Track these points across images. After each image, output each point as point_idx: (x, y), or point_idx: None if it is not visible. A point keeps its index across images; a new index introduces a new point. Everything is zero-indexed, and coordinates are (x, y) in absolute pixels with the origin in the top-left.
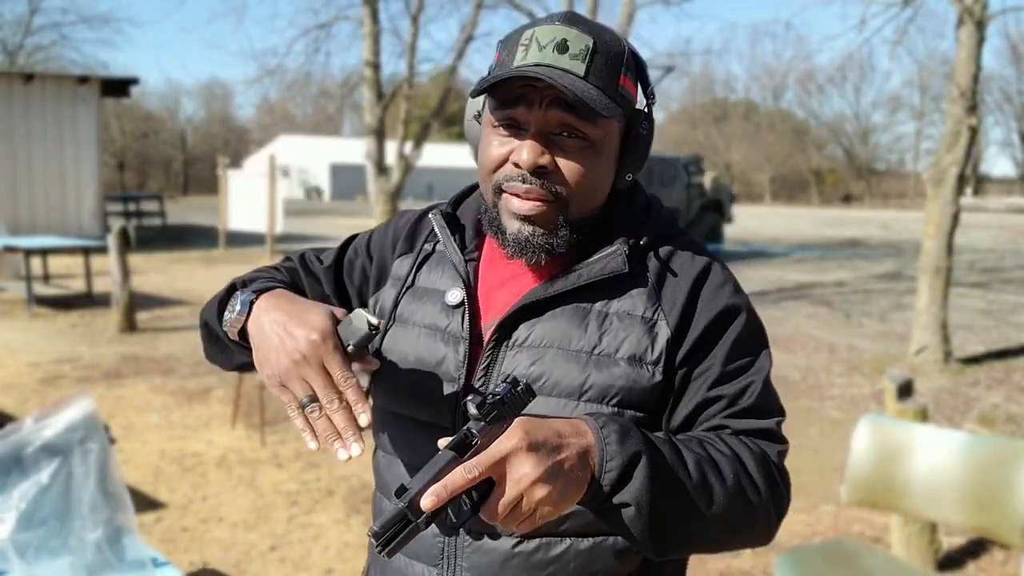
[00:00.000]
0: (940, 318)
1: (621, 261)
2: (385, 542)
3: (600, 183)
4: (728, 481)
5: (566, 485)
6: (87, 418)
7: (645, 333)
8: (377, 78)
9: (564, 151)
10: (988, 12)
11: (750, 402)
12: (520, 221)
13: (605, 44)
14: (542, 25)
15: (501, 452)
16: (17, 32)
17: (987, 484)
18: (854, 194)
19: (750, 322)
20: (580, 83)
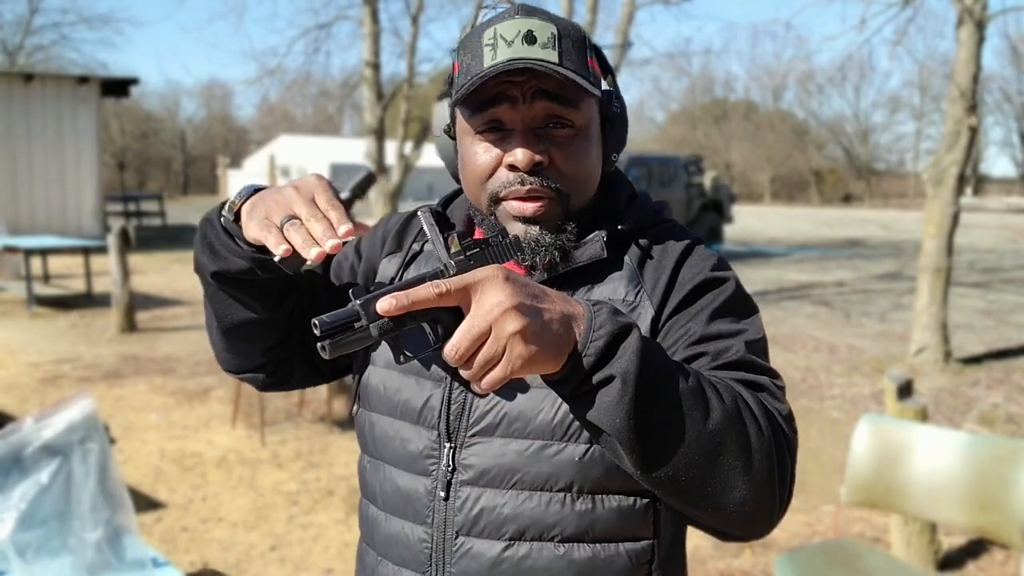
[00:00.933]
0: (940, 318)
1: (599, 247)
2: (329, 332)
3: (594, 168)
4: (726, 401)
5: (543, 330)
6: (87, 418)
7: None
8: (377, 78)
9: (556, 143)
10: (988, 12)
11: (736, 357)
12: (525, 224)
13: (566, 29)
14: (502, 21)
15: (476, 277)
16: (17, 32)
17: (987, 484)
18: (854, 194)
19: (735, 291)
20: (560, 69)
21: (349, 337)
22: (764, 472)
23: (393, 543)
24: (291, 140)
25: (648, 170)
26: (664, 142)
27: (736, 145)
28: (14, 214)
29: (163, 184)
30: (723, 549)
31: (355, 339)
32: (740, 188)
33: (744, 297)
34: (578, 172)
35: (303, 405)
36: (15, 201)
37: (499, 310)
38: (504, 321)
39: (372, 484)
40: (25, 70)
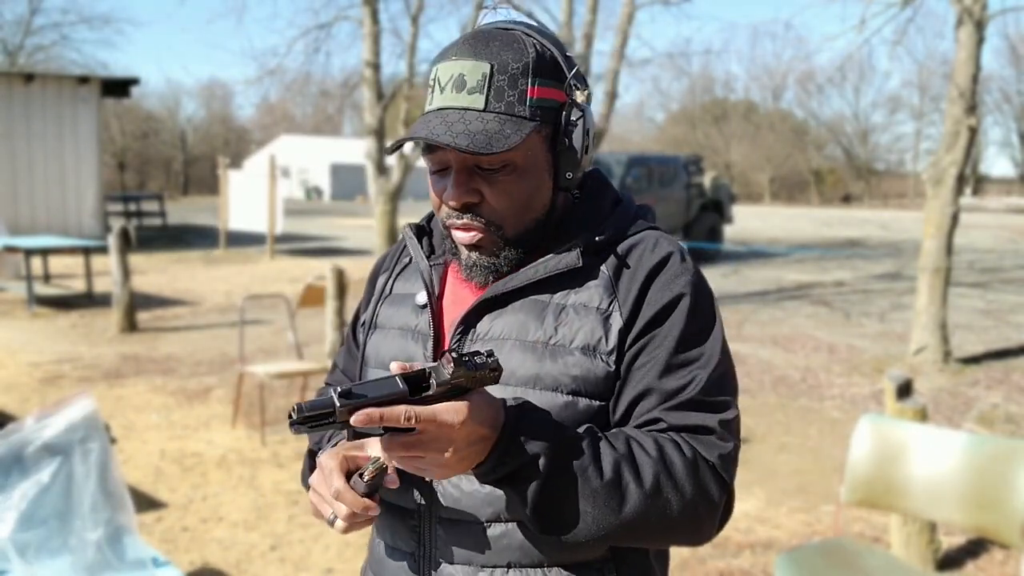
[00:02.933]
0: (939, 318)
1: (575, 256)
2: (303, 420)
3: (533, 197)
4: (646, 483)
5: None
6: (87, 418)
7: (599, 324)
8: (377, 78)
9: (488, 182)
10: (987, 12)
11: (690, 395)
12: (468, 249)
13: (504, 64)
14: (444, 60)
15: (441, 420)
16: (17, 32)
17: (986, 484)
18: (854, 194)
19: (701, 312)
20: (476, 121)
21: (320, 424)
22: (687, 527)
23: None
24: (291, 140)
25: (648, 170)
26: (664, 142)
27: (736, 145)
28: (14, 214)
29: (163, 184)
30: (723, 548)
31: (324, 427)
32: (740, 188)
33: (709, 319)
34: (509, 207)
35: None
36: (15, 201)
37: (439, 452)
38: (437, 459)
39: None
40: (25, 70)
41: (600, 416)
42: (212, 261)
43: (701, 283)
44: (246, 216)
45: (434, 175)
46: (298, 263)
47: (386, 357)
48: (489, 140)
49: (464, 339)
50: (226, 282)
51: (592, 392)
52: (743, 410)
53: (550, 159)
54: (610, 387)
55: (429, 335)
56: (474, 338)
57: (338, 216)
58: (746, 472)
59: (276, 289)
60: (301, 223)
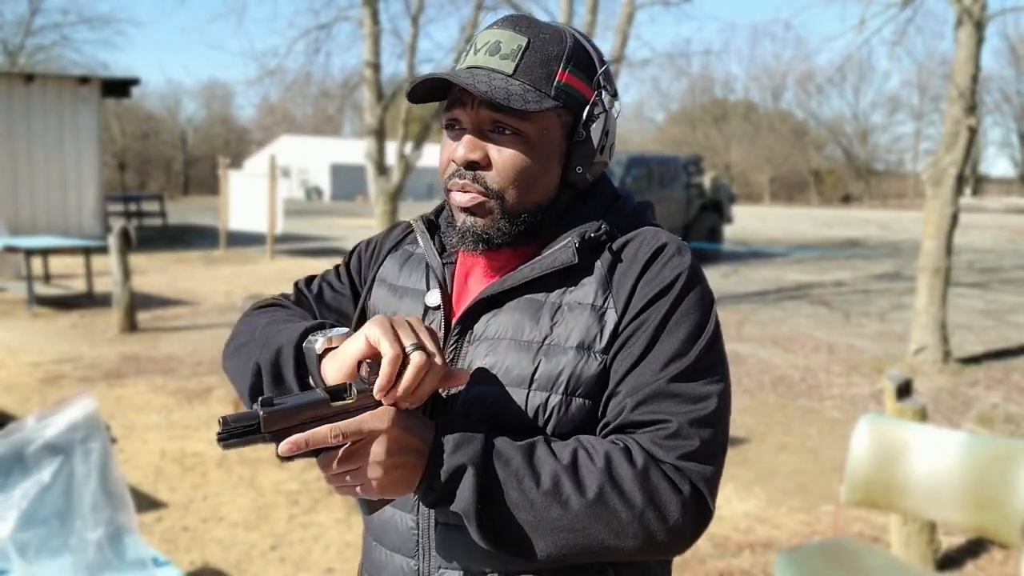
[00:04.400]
0: (939, 318)
1: (570, 253)
2: (228, 435)
3: (539, 177)
4: (588, 493)
5: (399, 480)
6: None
7: (595, 321)
8: (377, 78)
9: (498, 147)
10: (987, 12)
11: (657, 386)
12: (463, 213)
13: (541, 43)
14: (485, 30)
15: (368, 428)
16: (18, 32)
17: (986, 484)
18: (853, 194)
19: (689, 299)
20: (501, 81)
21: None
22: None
23: (386, 529)
24: (291, 140)
25: (648, 170)
26: (664, 142)
27: (735, 145)
28: (15, 214)
29: (164, 184)
30: (723, 548)
31: (248, 442)
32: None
33: (691, 308)
34: (512, 176)
35: None
36: (16, 201)
37: (371, 461)
38: (370, 470)
39: None
40: (26, 70)
41: (594, 419)
42: (212, 261)
43: (694, 272)
44: (246, 216)
45: (448, 135)
46: (298, 263)
47: None
48: (508, 96)
49: (462, 340)
50: (226, 282)
51: (585, 390)
52: (743, 410)
53: (564, 148)
54: (603, 385)
55: (440, 337)
56: (471, 339)
57: (338, 216)
58: (746, 472)
59: (276, 289)
60: (301, 223)
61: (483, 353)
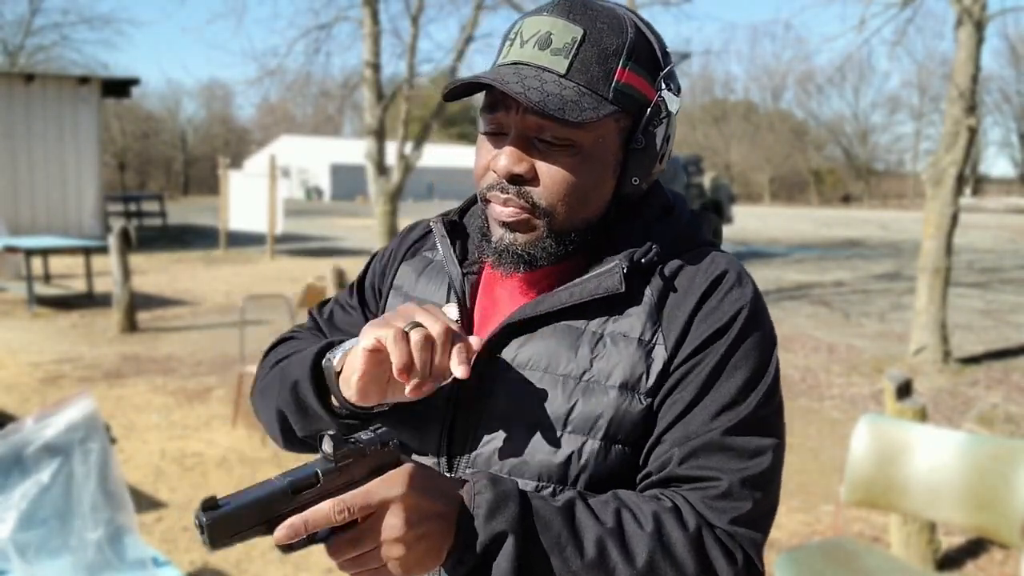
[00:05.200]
0: (939, 318)
1: (617, 279)
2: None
3: (592, 191)
4: (638, 562)
5: (424, 554)
6: (88, 418)
7: (641, 358)
8: (377, 78)
9: (546, 157)
10: (987, 13)
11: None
12: (502, 228)
13: (598, 35)
14: (532, 16)
15: (379, 499)
16: (18, 33)
17: (986, 484)
18: (853, 194)
19: (749, 339)
20: (553, 84)
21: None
22: None
23: None
24: (291, 140)
25: None
26: None
27: (735, 145)
28: (15, 214)
29: (164, 184)
30: None
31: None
32: (739, 188)
33: (755, 353)
34: (562, 192)
35: None
36: (16, 201)
37: (390, 537)
38: (391, 548)
39: None
40: (26, 70)
41: (635, 469)
42: (212, 261)
43: (756, 307)
44: (246, 216)
45: (487, 139)
46: (298, 263)
47: None
48: (562, 105)
49: (488, 365)
50: (226, 282)
51: (626, 436)
52: None
53: (620, 157)
54: (647, 432)
55: None
56: (498, 365)
57: (338, 216)
58: None
59: (276, 289)
60: (301, 223)
61: (512, 385)
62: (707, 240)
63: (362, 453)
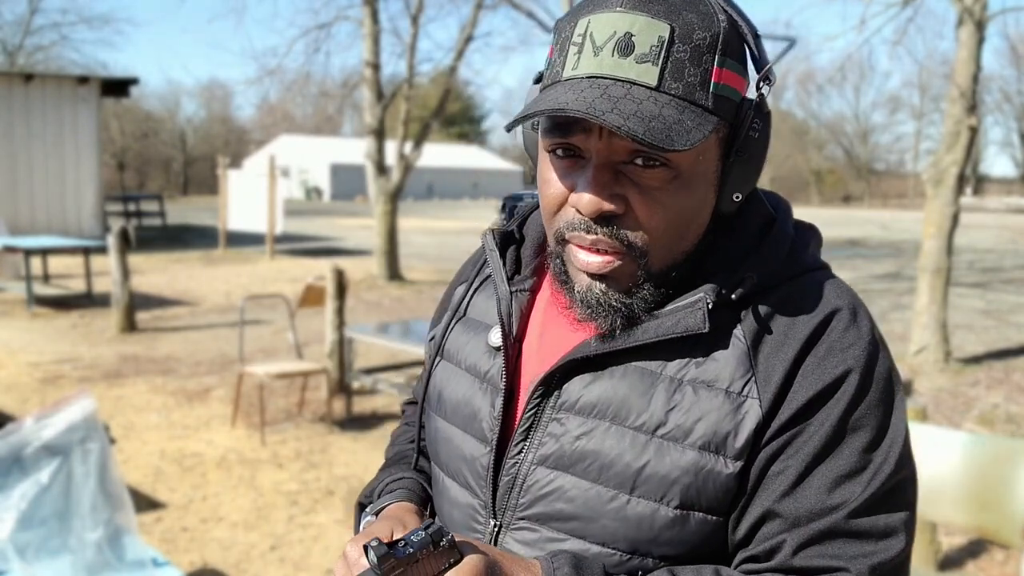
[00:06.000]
0: (940, 318)
1: (700, 317)
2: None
3: (692, 219)
4: None
5: None
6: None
7: (729, 413)
8: (377, 78)
9: (639, 186)
10: (988, 12)
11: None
12: (592, 279)
13: (688, 29)
14: (602, 12)
15: None
16: (17, 32)
17: (987, 484)
18: (854, 194)
19: (870, 399)
20: (650, 104)
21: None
22: None
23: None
24: (291, 140)
25: None
26: None
27: None
28: (14, 214)
29: (163, 184)
30: None
31: None
32: None
33: (877, 409)
34: (662, 227)
35: (303, 405)
36: (15, 201)
37: None
38: None
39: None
40: (25, 70)
41: (717, 536)
42: (212, 261)
43: (875, 352)
44: (246, 216)
45: (558, 162)
46: (298, 263)
47: (449, 403)
48: (668, 131)
49: (543, 404)
50: (226, 282)
51: (710, 505)
52: None
53: (719, 170)
54: (735, 499)
55: (500, 390)
56: (557, 405)
57: (338, 216)
58: None
59: (276, 289)
60: (301, 223)
61: (574, 432)
62: (815, 263)
63: (413, 559)
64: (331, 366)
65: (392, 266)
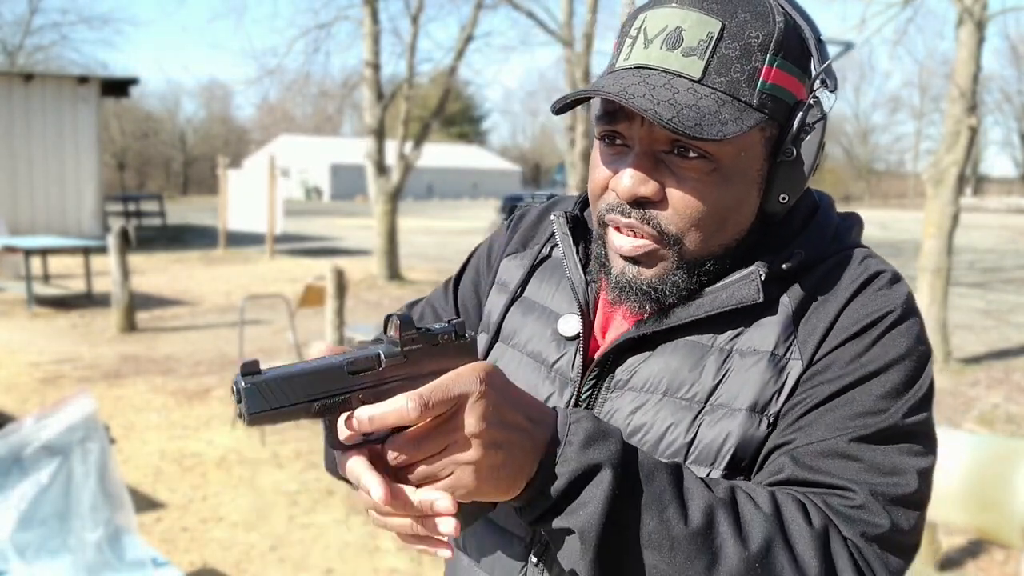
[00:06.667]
0: (940, 318)
1: (754, 288)
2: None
3: (731, 214)
4: (752, 544)
5: (500, 468)
6: (87, 418)
7: (773, 375)
8: (377, 78)
9: (677, 176)
10: (988, 12)
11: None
12: (625, 261)
13: (740, 28)
14: (658, 7)
15: (456, 392)
16: (17, 32)
17: (987, 484)
18: (854, 194)
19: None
20: (687, 94)
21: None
22: None
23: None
24: (291, 140)
25: None
26: None
27: None
28: (14, 214)
29: (163, 184)
30: None
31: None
32: None
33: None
34: (696, 218)
35: None
36: (15, 201)
37: (462, 436)
38: (462, 450)
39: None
40: (25, 70)
41: None
42: (212, 261)
43: (909, 308)
44: (246, 216)
45: (605, 148)
46: (298, 263)
47: None
48: (699, 120)
49: (599, 384)
50: (226, 282)
51: (752, 463)
52: None
53: (765, 170)
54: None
55: (572, 381)
56: (611, 385)
57: (338, 216)
58: None
59: (276, 289)
60: (301, 223)
61: (628, 408)
62: (858, 243)
63: (433, 341)
64: None
65: (392, 266)
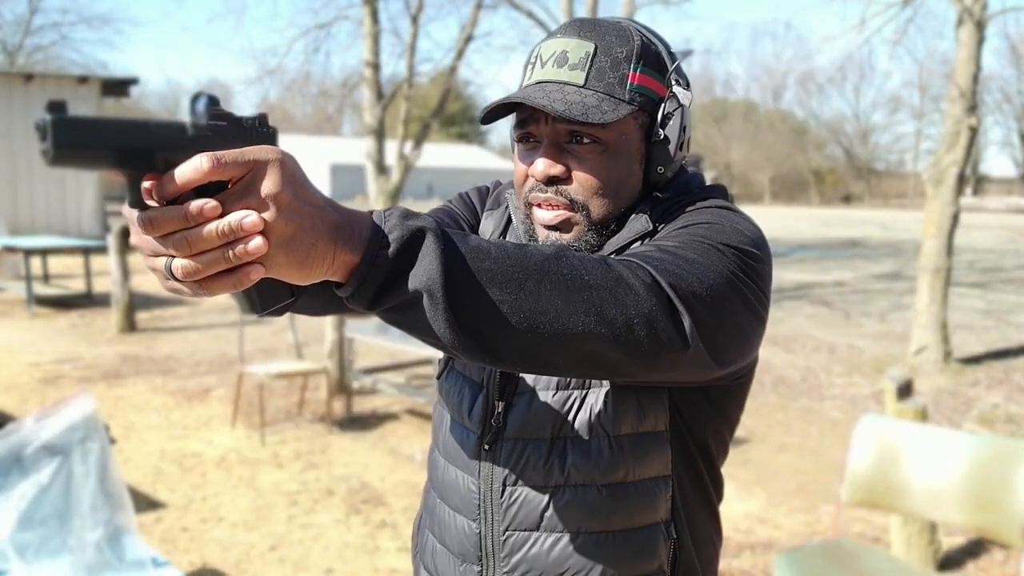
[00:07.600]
0: (940, 318)
1: (644, 220)
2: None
3: (622, 182)
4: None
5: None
6: (87, 418)
7: None
8: (377, 78)
9: (577, 158)
10: (988, 12)
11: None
12: (547, 230)
13: (608, 47)
14: (549, 39)
15: (256, 155)
16: (17, 32)
17: (987, 484)
18: (854, 194)
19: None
20: (575, 94)
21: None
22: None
23: (449, 490)
24: (291, 140)
25: None
26: None
27: (736, 145)
28: (14, 214)
29: None
30: (723, 549)
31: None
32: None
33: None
34: (596, 187)
35: (303, 405)
36: (15, 201)
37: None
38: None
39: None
40: (25, 70)
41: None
42: None
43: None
44: None
45: (522, 149)
46: None
47: None
48: (585, 111)
49: None
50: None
51: None
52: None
53: (643, 149)
54: None
55: None
56: None
57: None
58: (746, 472)
59: None
60: None
61: None
62: (713, 188)
63: (239, 123)
64: (331, 366)
65: None
